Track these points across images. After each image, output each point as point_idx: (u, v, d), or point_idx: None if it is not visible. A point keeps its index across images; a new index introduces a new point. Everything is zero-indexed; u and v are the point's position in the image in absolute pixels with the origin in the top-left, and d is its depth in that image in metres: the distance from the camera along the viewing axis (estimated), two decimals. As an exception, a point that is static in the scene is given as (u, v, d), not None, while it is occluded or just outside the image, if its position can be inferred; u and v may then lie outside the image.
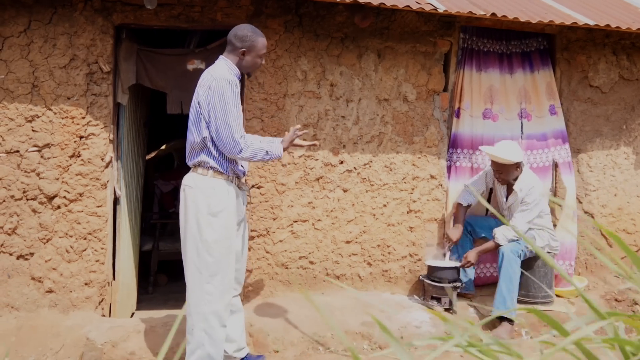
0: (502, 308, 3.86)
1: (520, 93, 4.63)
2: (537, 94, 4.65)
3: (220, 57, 3.09)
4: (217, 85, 2.88)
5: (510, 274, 3.92)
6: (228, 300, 3.03)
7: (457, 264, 4.14)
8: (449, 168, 4.50)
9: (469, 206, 4.33)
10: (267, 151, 2.97)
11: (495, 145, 4.18)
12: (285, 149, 3.10)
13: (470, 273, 4.33)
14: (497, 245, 4.01)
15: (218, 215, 2.94)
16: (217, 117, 2.87)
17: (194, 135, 2.97)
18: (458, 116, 4.47)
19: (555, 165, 4.66)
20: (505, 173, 4.08)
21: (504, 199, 4.26)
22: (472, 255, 4.06)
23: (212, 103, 2.88)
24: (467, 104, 4.47)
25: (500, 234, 4.00)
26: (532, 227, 4.10)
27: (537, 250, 0.94)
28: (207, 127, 2.92)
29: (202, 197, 2.93)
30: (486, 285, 4.53)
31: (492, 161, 4.12)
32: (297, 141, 3.19)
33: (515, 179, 4.10)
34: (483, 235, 4.34)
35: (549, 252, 4.21)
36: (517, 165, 4.07)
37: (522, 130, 4.61)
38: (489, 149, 4.11)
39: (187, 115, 4.18)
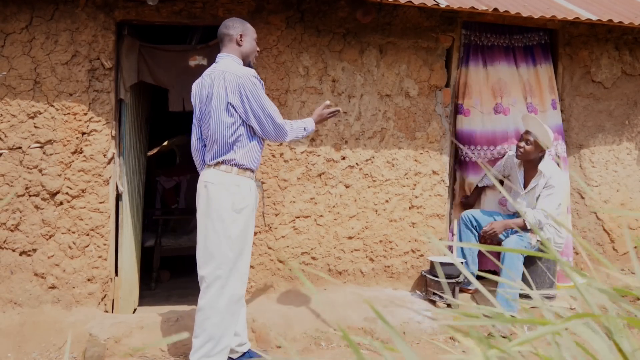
0: (503, 303, 3.87)
1: (525, 87, 4.64)
2: (540, 88, 4.65)
3: (223, 55, 3.07)
4: (246, 82, 2.91)
5: (512, 269, 3.93)
6: (242, 294, 3.07)
7: (461, 260, 4.16)
8: (457, 163, 4.60)
9: (484, 187, 4.55)
10: (304, 128, 3.10)
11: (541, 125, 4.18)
12: (317, 123, 3.21)
13: (473, 269, 4.33)
14: (525, 225, 4.05)
15: (241, 212, 2.97)
16: (256, 110, 2.92)
17: (225, 134, 2.95)
18: (463, 113, 4.50)
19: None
20: (530, 148, 4.13)
21: (521, 187, 4.26)
22: (498, 225, 4.12)
23: (247, 100, 2.90)
24: (477, 101, 4.50)
25: (531, 214, 4.04)
26: None
27: (545, 243, 0.95)
28: (242, 125, 2.95)
29: (226, 194, 2.95)
30: (488, 281, 4.54)
31: (526, 131, 4.18)
32: (325, 112, 3.25)
33: (537, 164, 4.17)
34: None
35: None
36: (541, 150, 4.13)
37: None
38: (538, 120, 4.16)
39: (190, 112, 4.21)
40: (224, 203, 2.94)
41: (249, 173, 3.03)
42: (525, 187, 4.25)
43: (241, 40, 3.05)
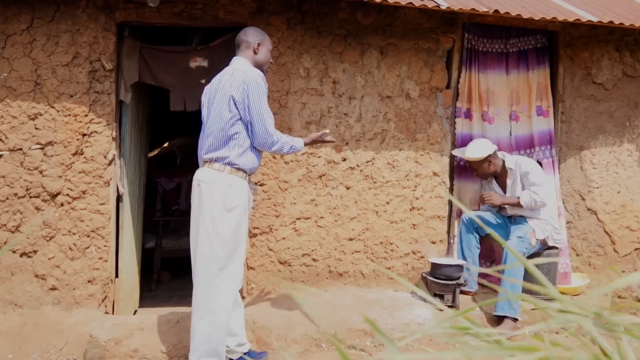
0: (505, 306, 3.86)
1: (512, 94, 4.66)
2: (528, 93, 4.64)
3: (236, 57, 3.12)
4: (251, 79, 2.94)
5: (514, 272, 3.92)
6: (235, 294, 3.06)
7: (461, 262, 4.15)
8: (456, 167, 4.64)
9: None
10: (291, 146, 3.12)
11: (467, 146, 4.34)
12: (306, 144, 3.25)
13: (474, 271, 4.33)
14: (518, 203, 4.11)
15: (233, 211, 2.97)
16: (253, 110, 2.93)
17: (221, 128, 2.98)
18: (468, 117, 4.53)
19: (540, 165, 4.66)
20: (479, 169, 4.27)
21: (502, 193, 4.30)
22: (497, 196, 4.20)
23: (247, 97, 2.93)
24: (500, 109, 4.60)
25: (526, 194, 4.10)
26: (532, 217, 4.15)
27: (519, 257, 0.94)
28: (240, 121, 2.96)
29: (218, 193, 2.95)
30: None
31: (467, 162, 4.37)
32: (320, 138, 3.32)
33: (502, 168, 4.27)
34: (488, 232, 4.34)
35: (552, 246, 4.22)
36: (487, 160, 4.21)
37: (510, 132, 4.65)
38: (458, 152, 4.37)
39: (190, 113, 4.22)
40: (215, 201, 2.94)
41: (242, 173, 3.02)
42: (505, 191, 4.30)
43: (258, 48, 3.12)
